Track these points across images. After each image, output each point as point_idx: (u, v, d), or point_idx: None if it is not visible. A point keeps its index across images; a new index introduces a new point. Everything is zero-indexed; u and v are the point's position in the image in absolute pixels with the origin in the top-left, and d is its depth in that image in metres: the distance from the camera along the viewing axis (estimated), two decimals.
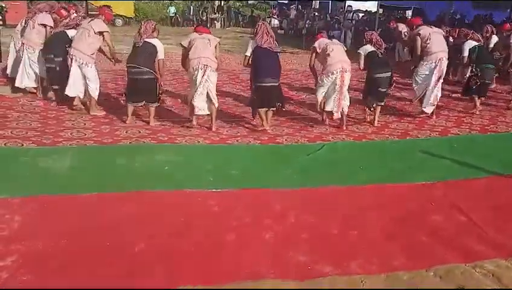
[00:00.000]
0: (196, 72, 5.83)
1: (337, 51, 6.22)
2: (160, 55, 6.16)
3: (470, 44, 7.51)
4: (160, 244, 3.27)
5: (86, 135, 5.65)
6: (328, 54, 6.16)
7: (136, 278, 2.87)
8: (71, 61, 6.44)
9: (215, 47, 6.07)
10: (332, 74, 6.09)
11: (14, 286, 2.72)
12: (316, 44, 6.46)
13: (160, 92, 6.28)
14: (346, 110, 6.39)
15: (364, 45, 6.64)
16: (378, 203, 4.13)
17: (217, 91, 6.25)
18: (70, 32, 6.91)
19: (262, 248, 3.29)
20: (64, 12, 7.83)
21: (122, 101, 7.01)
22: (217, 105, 6.11)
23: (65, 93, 6.56)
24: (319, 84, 6.34)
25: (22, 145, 5.14)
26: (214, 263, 3.09)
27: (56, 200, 3.85)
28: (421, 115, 7.12)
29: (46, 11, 7.52)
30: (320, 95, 6.33)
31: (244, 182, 4.47)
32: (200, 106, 5.98)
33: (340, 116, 6.34)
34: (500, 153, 5.67)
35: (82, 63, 6.40)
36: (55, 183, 4.22)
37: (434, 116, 7.09)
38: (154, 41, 6.13)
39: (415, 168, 5.06)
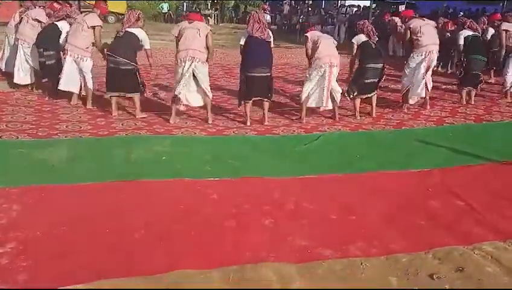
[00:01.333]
0: (183, 64, 5.75)
1: (326, 45, 6.15)
2: (146, 45, 6.09)
3: (465, 33, 7.51)
4: (160, 230, 3.26)
5: (81, 127, 5.63)
6: (318, 47, 6.10)
7: (136, 262, 2.86)
8: (66, 56, 6.41)
9: (207, 36, 5.92)
10: (321, 67, 6.03)
11: (14, 272, 2.70)
12: (308, 34, 6.39)
13: (142, 83, 6.19)
14: (338, 102, 6.34)
15: (357, 34, 6.64)
16: (376, 190, 4.14)
17: (212, 85, 6.23)
18: (60, 24, 6.88)
19: (262, 233, 3.30)
20: (57, 6, 7.80)
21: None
22: (211, 96, 6.07)
23: (58, 88, 6.54)
24: (307, 78, 6.25)
25: (17, 137, 5.12)
26: (214, 247, 3.09)
27: (54, 189, 3.84)
28: (406, 108, 7.06)
29: (40, 6, 7.50)
30: (306, 90, 6.22)
31: (243, 171, 4.47)
32: (189, 98, 5.92)
33: (330, 108, 6.29)
34: (495, 141, 5.72)
35: (78, 57, 6.38)
36: (52, 173, 4.20)
37: (428, 107, 7.10)
38: (137, 30, 6.04)
39: (412, 157, 5.08)
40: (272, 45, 6.08)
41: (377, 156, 5.10)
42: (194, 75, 5.84)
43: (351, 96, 6.57)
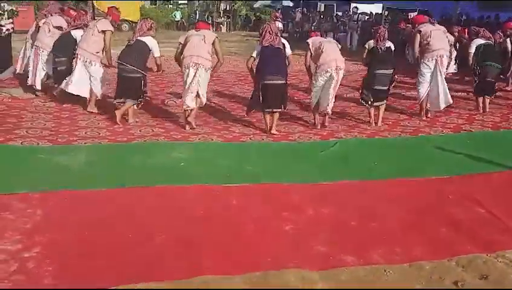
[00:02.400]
0: (188, 70, 5.78)
1: (330, 49, 6.10)
2: (156, 53, 6.11)
3: (477, 42, 7.48)
4: (181, 235, 3.28)
5: (100, 134, 5.69)
6: (322, 52, 6.05)
7: (160, 267, 2.88)
8: (76, 60, 6.47)
9: (213, 43, 5.94)
10: (327, 71, 5.98)
11: (41, 276, 2.74)
12: (310, 41, 6.30)
13: (144, 92, 6.20)
14: (330, 110, 6.23)
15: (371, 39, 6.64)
16: (395, 197, 4.13)
17: (225, 92, 6.24)
18: (76, 33, 6.97)
19: (283, 239, 3.31)
20: (73, 13, 7.91)
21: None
22: (204, 101, 6.05)
23: (68, 90, 6.58)
24: (314, 84, 6.19)
25: (38, 144, 5.18)
26: (235, 252, 3.11)
27: (76, 195, 3.88)
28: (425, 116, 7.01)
29: (57, 13, 7.60)
30: (314, 97, 6.20)
31: (261, 178, 4.49)
32: (190, 104, 5.90)
33: (330, 111, 6.23)
34: None
35: (86, 61, 6.43)
36: (74, 178, 4.25)
37: (429, 115, 7.02)
38: (147, 39, 6.06)
39: (430, 163, 5.06)
40: (289, 52, 6.08)
41: (395, 163, 5.08)
42: (194, 79, 5.82)
43: (369, 103, 6.53)
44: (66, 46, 6.92)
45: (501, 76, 8.41)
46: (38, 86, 7.29)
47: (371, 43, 6.56)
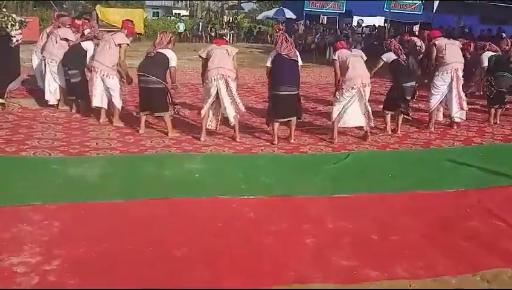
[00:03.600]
0: (215, 82, 5.78)
1: (356, 64, 6.06)
2: (172, 63, 6.15)
3: (488, 54, 7.53)
4: (200, 248, 3.26)
5: (111, 145, 5.67)
6: (348, 68, 6.03)
7: (181, 282, 2.85)
8: (94, 74, 6.48)
9: (233, 58, 6.00)
10: (353, 88, 5.97)
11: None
12: (336, 56, 6.31)
13: (172, 101, 6.24)
14: (372, 122, 6.26)
15: (386, 52, 6.65)
16: (413, 210, 4.10)
17: None
18: (86, 44, 7.00)
19: (304, 252, 3.28)
20: (78, 22, 7.94)
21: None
22: (243, 109, 6.08)
23: (93, 105, 6.60)
24: (337, 99, 6.16)
25: (50, 154, 5.16)
26: (256, 264, 3.08)
27: (91, 207, 3.85)
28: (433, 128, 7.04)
29: (67, 25, 7.63)
30: (336, 111, 6.15)
31: (276, 190, 4.46)
32: (229, 113, 5.92)
33: (369, 128, 6.27)
34: None
35: (104, 75, 6.45)
36: (89, 190, 4.22)
37: (455, 127, 7.08)
38: (167, 51, 6.12)
39: (444, 176, 5.04)
40: (300, 64, 6.10)
41: (409, 176, 5.05)
42: (225, 91, 5.85)
43: (410, 114, 6.65)
44: (77, 58, 6.95)
45: None
46: (50, 98, 7.29)
47: (391, 56, 6.55)
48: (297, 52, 6.10)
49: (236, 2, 30.87)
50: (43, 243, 3.20)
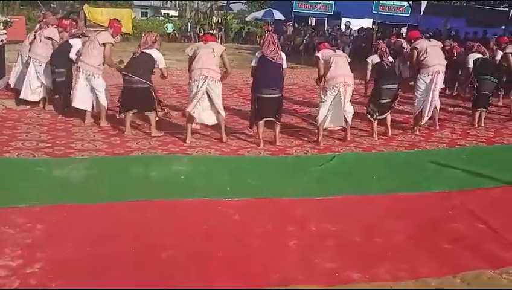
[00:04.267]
0: (197, 83, 5.79)
1: (340, 64, 6.09)
2: (161, 64, 6.14)
3: (474, 56, 7.59)
4: (187, 250, 3.26)
5: (96, 146, 5.64)
6: (330, 66, 6.06)
7: (172, 280, 2.87)
8: (78, 73, 6.46)
9: (221, 55, 5.99)
10: (335, 87, 6.00)
11: None
12: (319, 54, 6.32)
13: (158, 101, 6.23)
14: (350, 122, 6.31)
15: (373, 54, 6.70)
16: (397, 212, 4.14)
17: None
18: (73, 41, 6.96)
19: (289, 254, 3.30)
20: (66, 22, 7.90)
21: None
22: (224, 115, 6.10)
23: (72, 105, 6.57)
24: (322, 99, 6.19)
25: (34, 156, 5.11)
26: (243, 266, 3.10)
27: (76, 209, 3.83)
28: (418, 131, 7.09)
29: (53, 25, 7.58)
30: (322, 113, 6.16)
31: (262, 192, 4.48)
32: (203, 116, 5.95)
33: (349, 122, 6.28)
34: (509, 163, 5.73)
35: (89, 75, 6.42)
36: (73, 192, 4.20)
37: (437, 127, 7.15)
38: (152, 51, 6.10)
39: (428, 178, 5.09)
40: (285, 66, 6.11)
41: (394, 178, 5.10)
42: (207, 93, 5.87)
43: (374, 117, 6.59)
44: (64, 57, 6.91)
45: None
46: (26, 97, 7.23)
47: (375, 58, 6.59)
48: (283, 55, 6.09)
49: (225, 2, 30.83)
50: (26, 246, 3.17)
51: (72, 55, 6.91)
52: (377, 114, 6.57)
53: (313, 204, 4.23)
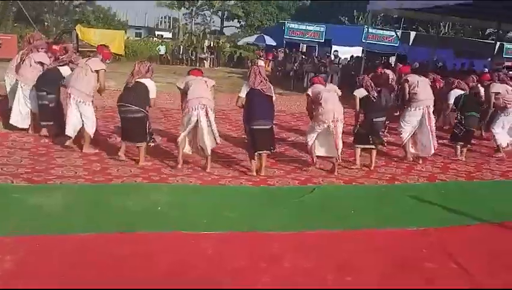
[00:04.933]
0: (195, 112, 5.86)
1: (329, 100, 6.19)
2: (152, 94, 6.20)
3: (455, 93, 7.77)
4: (155, 285, 3.23)
5: (77, 173, 5.62)
6: (320, 103, 6.17)
7: None
8: (69, 100, 6.42)
9: (211, 89, 6.14)
10: (324, 122, 6.12)
11: None
12: (309, 91, 6.45)
13: (149, 131, 6.26)
14: (340, 156, 6.35)
15: (357, 88, 6.79)
16: (372, 248, 4.15)
17: None
18: (63, 69, 7.00)
19: None
20: (56, 48, 7.94)
21: (111, 139, 7.06)
22: (218, 141, 6.17)
23: (66, 133, 6.51)
24: (310, 129, 6.33)
25: (12, 182, 5.08)
26: None
27: (49, 240, 3.80)
28: (411, 158, 7.20)
29: (43, 49, 7.60)
30: (310, 140, 6.33)
31: (238, 225, 4.47)
32: (205, 145, 5.98)
33: (339, 159, 6.35)
34: (488, 201, 5.79)
35: (79, 101, 6.41)
36: (47, 222, 4.16)
37: (420, 161, 7.23)
38: (147, 81, 6.16)
39: (406, 213, 5.13)
40: (274, 97, 6.21)
41: (372, 212, 5.13)
42: (204, 122, 5.94)
43: (356, 145, 6.75)
44: (52, 82, 6.93)
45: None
46: (17, 123, 7.22)
47: (362, 92, 6.68)
48: (271, 86, 6.16)
49: (219, 27, 31.24)
50: None
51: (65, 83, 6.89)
52: (359, 143, 6.71)
53: (289, 239, 4.23)
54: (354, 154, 6.91)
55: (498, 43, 22.18)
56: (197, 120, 5.90)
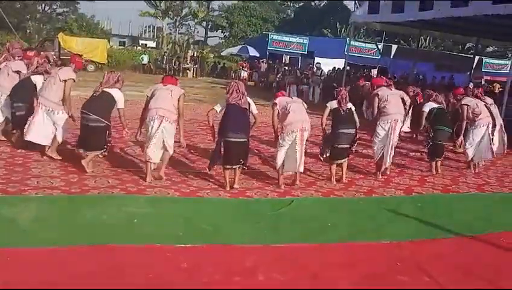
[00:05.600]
0: (152, 122, 5.84)
1: (297, 110, 6.24)
2: (120, 104, 6.16)
3: (429, 105, 7.81)
4: None
5: (53, 183, 5.55)
6: (288, 112, 6.20)
7: None
8: (37, 108, 6.40)
9: (179, 98, 6.02)
10: (293, 131, 6.13)
11: None
12: (277, 100, 6.44)
13: (108, 142, 6.22)
14: (302, 169, 6.34)
15: (333, 100, 6.86)
16: (347, 262, 4.18)
17: (186, 141, 6.31)
18: (35, 78, 6.93)
19: None
20: (30, 54, 7.84)
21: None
22: (171, 152, 6.09)
23: (26, 139, 6.47)
24: (280, 144, 6.27)
25: None
26: None
27: (21, 253, 3.74)
28: (380, 175, 7.27)
29: (19, 57, 7.55)
30: (280, 157, 6.24)
31: (214, 238, 4.47)
32: (152, 155, 5.93)
33: (301, 169, 6.34)
34: (462, 213, 5.89)
35: (49, 110, 6.40)
36: (20, 234, 4.11)
37: (388, 172, 7.33)
38: (114, 91, 6.14)
39: (382, 226, 5.18)
40: (255, 111, 6.19)
41: (348, 225, 5.17)
42: (156, 132, 5.87)
43: (324, 156, 6.78)
44: (25, 92, 6.89)
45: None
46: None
47: (334, 104, 6.75)
48: (250, 100, 6.12)
49: (203, 37, 31.34)
50: None
51: (38, 86, 6.83)
52: (334, 158, 6.71)
53: (263, 252, 4.24)
54: (329, 168, 6.89)
55: (477, 57, 22.70)
56: (156, 133, 5.85)
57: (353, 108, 6.86)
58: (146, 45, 39.47)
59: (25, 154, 6.64)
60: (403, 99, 7.39)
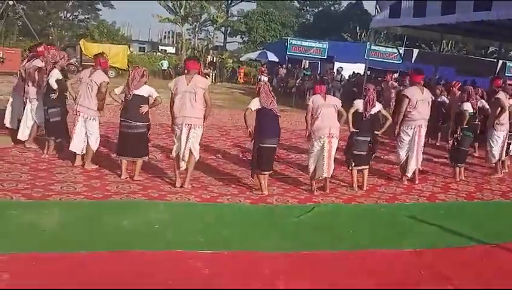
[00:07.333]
0: (180, 131, 5.90)
1: (325, 115, 6.16)
2: (154, 95, 6.16)
3: (468, 106, 7.48)
4: None
5: (76, 189, 5.63)
6: (317, 118, 6.17)
7: None
8: (77, 117, 6.46)
9: (204, 94, 5.92)
10: (321, 138, 6.12)
11: None
12: (311, 100, 6.35)
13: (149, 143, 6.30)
14: (330, 174, 6.31)
15: (360, 98, 6.69)
16: (368, 270, 4.13)
17: (207, 147, 6.30)
18: (52, 72, 6.87)
19: None
20: (41, 49, 7.83)
21: (113, 155, 7.04)
22: (197, 158, 6.10)
23: (70, 149, 6.54)
24: (310, 150, 6.29)
25: (12, 198, 5.09)
26: None
27: (45, 258, 3.80)
28: (406, 180, 7.18)
29: (35, 57, 7.62)
30: (312, 164, 6.27)
31: (235, 244, 4.47)
32: (182, 164, 5.96)
33: (329, 176, 6.30)
34: (486, 221, 5.77)
35: (87, 118, 6.46)
36: (44, 240, 4.17)
37: (417, 181, 7.20)
38: (142, 89, 6.10)
39: (404, 234, 5.10)
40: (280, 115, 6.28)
41: (369, 232, 5.11)
42: (184, 137, 5.91)
43: (350, 167, 6.67)
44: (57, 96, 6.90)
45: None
46: (24, 137, 7.28)
47: (360, 105, 6.57)
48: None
49: (222, 43, 31.50)
50: None
51: (52, 81, 6.82)
52: (354, 164, 6.62)
53: (284, 259, 4.22)
54: (351, 175, 6.80)
55: (501, 61, 22.28)
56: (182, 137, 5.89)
57: (382, 110, 6.78)
58: (166, 50, 39.87)
59: (48, 160, 6.75)
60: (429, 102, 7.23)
